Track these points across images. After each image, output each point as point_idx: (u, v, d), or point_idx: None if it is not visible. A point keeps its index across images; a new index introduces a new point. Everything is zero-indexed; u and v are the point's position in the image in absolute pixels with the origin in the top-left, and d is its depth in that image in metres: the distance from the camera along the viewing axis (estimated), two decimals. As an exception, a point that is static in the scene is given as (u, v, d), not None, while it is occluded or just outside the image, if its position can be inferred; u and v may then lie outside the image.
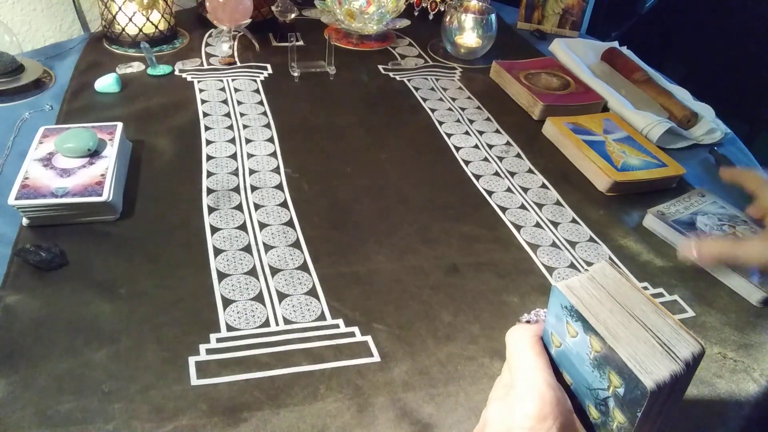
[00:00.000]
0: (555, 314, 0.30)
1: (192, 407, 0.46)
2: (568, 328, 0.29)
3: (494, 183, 0.77)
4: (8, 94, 0.85)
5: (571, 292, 0.29)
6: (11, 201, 0.60)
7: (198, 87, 0.92)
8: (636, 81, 1.04)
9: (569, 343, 0.30)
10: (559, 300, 0.30)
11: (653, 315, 0.28)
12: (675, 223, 0.68)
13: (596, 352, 0.28)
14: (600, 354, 0.28)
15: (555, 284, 0.30)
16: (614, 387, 0.27)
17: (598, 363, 0.28)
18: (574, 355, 0.29)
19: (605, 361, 0.27)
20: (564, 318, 0.29)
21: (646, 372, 0.26)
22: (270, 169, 0.76)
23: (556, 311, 0.30)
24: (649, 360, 0.26)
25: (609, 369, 0.27)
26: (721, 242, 0.59)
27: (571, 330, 0.29)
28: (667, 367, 0.26)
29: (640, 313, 0.28)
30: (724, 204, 0.72)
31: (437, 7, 1.26)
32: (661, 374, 0.26)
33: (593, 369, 0.28)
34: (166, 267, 0.59)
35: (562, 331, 0.30)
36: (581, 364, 0.29)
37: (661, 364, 0.26)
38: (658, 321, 0.28)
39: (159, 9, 1.00)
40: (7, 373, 0.47)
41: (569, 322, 0.29)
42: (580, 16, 1.24)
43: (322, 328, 0.55)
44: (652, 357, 0.26)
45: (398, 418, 0.47)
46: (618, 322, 0.28)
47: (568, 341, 0.30)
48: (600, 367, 0.28)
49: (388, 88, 0.99)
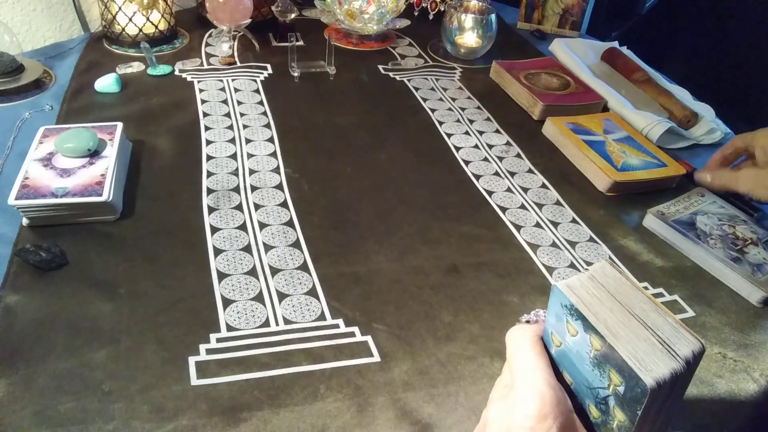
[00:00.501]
0: (555, 313, 0.30)
1: (192, 407, 0.46)
2: (568, 327, 0.29)
3: (494, 183, 0.77)
4: (8, 94, 0.85)
5: (571, 291, 0.29)
6: (11, 201, 0.60)
7: (198, 87, 0.92)
8: (636, 81, 1.04)
9: (569, 342, 0.30)
10: (559, 299, 0.30)
11: (653, 314, 0.28)
12: (675, 223, 0.68)
13: (596, 350, 0.28)
14: (600, 352, 0.28)
15: (555, 283, 0.30)
16: (614, 385, 0.27)
17: (598, 362, 0.28)
18: (574, 354, 0.30)
19: (605, 359, 0.27)
20: (564, 317, 0.30)
21: (646, 370, 0.26)
22: (270, 169, 0.76)
23: (556, 310, 0.30)
24: (649, 358, 0.26)
25: (609, 367, 0.27)
26: (727, 173, 0.70)
27: (571, 329, 0.29)
28: (667, 365, 0.26)
29: (640, 312, 0.28)
30: (723, 204, 0.72)
31: (437, 7, 1.26)
32: (661, 372, 0.26)
33: (593, 368, 0.28)
34: (166, 267, 0.59)
35: (562, 330, 0.30)
36: (581, 363, 0.29)
37: (661, 362, 0.26)
38: (658, 319, 0.28)
39: (159, 9, 1.00)
40: (7, 373, 0.47)
41: (569, 321, 0.29)
42: (580, 16, 1.24)
43: (322, 328, 0.55)
44: (652, 355, 0.26)
45: (398, 418, 0.47)
46: (618, 321, 0.28)
47: (568, 340, 0.30)
48: (600, 365, 0.28)
49: (388, 88, 0.99)
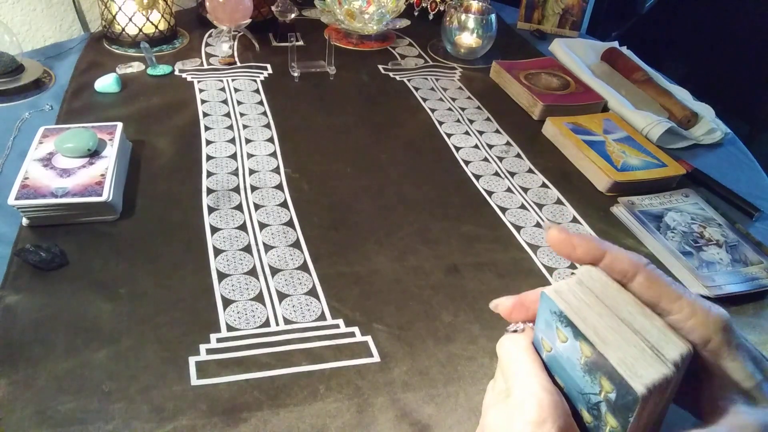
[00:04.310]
0: (545, 320, 0.30)
1: (192, 407, 0.46)
2: (558, 333, 0.29)
3: (494, 183, 0.77)
4: (8, 94, 0.85)
5: (559, 297, 0.29)
6: (11, 201, 0.60)
7: (198, 87, 0.92)
8: (636, 81, 1.04)
9: (560, 348, 0.30)
10: (548, 306, 0.30)
11: (640, 317, 0.28)
12: (641, 214, 0.69)
13: (586, 357, 0.28)
14: (590, 359, 0.28)
15: (543, 290, 0.30)
16: (606, 392, 0.27)
17: (588, 368, 0.28)
18: (565, 360, 0.29)
19: (596, 366, 0.27)
20: (554, 323, 0.29)
21: (637, 376, 0.26)
22: (270, 169, 0.76)
23: (545, 317, 0.30)
24: (638, 363, 0.26)
25: (600, 374, 0.27)
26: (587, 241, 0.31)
27: (561, 335, 0.29)
28: (658, 370, 0.26)
29: (627, 316, 0.28)
30: (705, 206, 0.73)
31: (437, 7, 1.26)
32: (652, 378, 0.26)
33: (584, 374, 0.28)
34: (166, 267, 0.59)
35: (552, 336, 0.30)
36: (572, 369, 0.29)
37: (652, 368, 0.26)
38: (646, 323, 0.28)
39: (159, 9, 1.00)
40: (7, 373, 0.47)
41: (559, 328, 0.29)
42: (580, 16, 1.24)
43: (322, 328, 0.55)
44: (642, 360, 0.26)
45: (398, 419, 0.47)
46: (606, 326, 0.28)
47: (559, 346, 0.30)
48: (591, 372, 0.28)
49: (388, 88, 0.99)
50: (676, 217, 0.70)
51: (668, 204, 0.73)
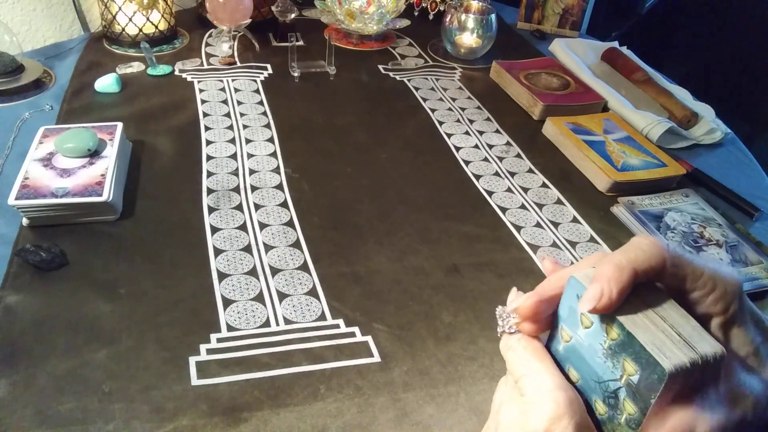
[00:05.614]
0: (569, 306, 0.30)
1: (192, 407, 0.46)
2: (582, 319, 0.29)
3: (494, 183, 0.77)
4: (8, 94, 0.85)
5: (590, 281, 0.29)
6: (11, 201, 0.60)
7: (198, 87, 0.92)
8: (636, 81, 1.04)
9: (581, 335, 0.30)
10: (575, 290, 0.29)
11: (674, 313, 0.28)
12: (641, 214, 0.69)
13: (612, 340, 0.28)
14: (616, 342, 0.28)
15: (573, 274, 0.30)
16: (628, 375, 0.27)
17: (612, 352, 0.28)
18: (586, 348, 0.29)
19: (621, 348, 0.27)
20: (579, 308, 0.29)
21: (665, 357, 0.25)
22: (270, 169, 0.76)
23: (570, 303, 0.30)
24: (667, 347, 0.26)
25: (624, 356, 0.27)
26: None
27: (586, 320, 0.29)
28: (687, 355, 0.26)
29: (659, 310, 0.28)
30: (705, 206, 0.73)
31: (437, 7, 1.26)
32: (680, 360, 0.25)
33: (606, 359, 0.28)
34: (166, 267, 0.59)
35: (575, 322, 0.30)
36: (592, 356, 0.29)
37: (681, 352, 0.26)
38: (679, 319, 0.28)
39: (159, 9, 1.00)
40: (7, 373, 0.47)
41: (584, 313, 0.29)
42: (580, 16, 1.24)
43: (322, 328, 0.55)
44: (671, 345, 0.26)
45: (398, 419, 0.47)
46: (637, 311, 0.28)
47: (581, 333, 0.30)
48: (614, 355, 0.28)
49: (388, 88, 0.99)
50: (676, 217, 0.70)
51: (668, 204, 0.73)
